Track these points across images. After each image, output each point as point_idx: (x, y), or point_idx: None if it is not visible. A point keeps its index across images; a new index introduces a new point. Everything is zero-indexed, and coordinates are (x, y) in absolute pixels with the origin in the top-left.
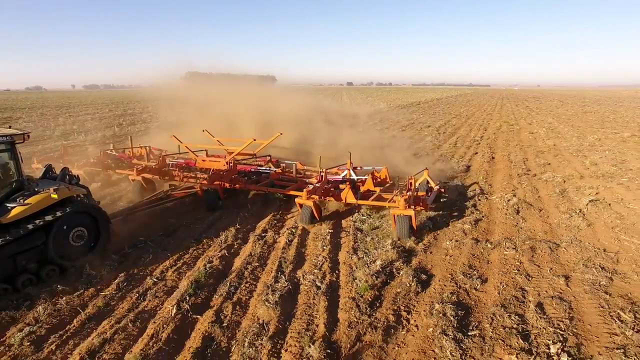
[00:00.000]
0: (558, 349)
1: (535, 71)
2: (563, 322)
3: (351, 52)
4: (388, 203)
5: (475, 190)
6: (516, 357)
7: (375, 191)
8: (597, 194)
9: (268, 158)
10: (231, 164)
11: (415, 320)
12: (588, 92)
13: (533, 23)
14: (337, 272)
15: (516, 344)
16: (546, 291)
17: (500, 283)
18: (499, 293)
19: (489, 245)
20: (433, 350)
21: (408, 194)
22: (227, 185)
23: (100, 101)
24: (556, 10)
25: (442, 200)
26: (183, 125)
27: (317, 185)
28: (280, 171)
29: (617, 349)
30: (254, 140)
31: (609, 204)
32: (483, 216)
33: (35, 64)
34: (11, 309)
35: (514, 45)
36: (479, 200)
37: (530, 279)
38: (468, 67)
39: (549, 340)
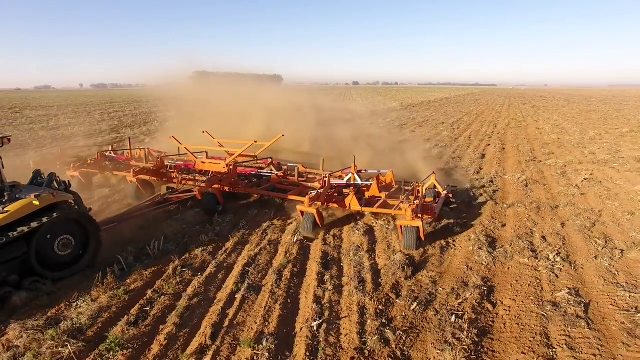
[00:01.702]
0: (554, 256)
1: (542, 71)
2: (558, 244)
3: (357, 52)
4: (394, 211)
5: (490, 173)
6: (527, 259)
7: (381, 197)
8: (591, 174)
9: (269, 160)
10: (231, 167)
11: (459, 244)
12: (595, 92)
13: (540, 22)
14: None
15: (527, 254)
16: (547, 230)
17: (515, 226)
18: (514, 231)
19: (505, 206)
20: (474, 258)
21: (415, 202)
22: (226, 188)
23: (119, 100)
24: (564, 9)
25: (451, 206)
26: (197, 124)
27: (319, 191)
28: (281, 174)
29: (592, 255)
30: (255, 142)
31: (600, 181)
32: (499, 189)
33: (44, 63)
34: (180, 238)
35: (521, 44)
36: (495, 179)
37: (536, 224)
38: (474, 66)
39: (549, 252)
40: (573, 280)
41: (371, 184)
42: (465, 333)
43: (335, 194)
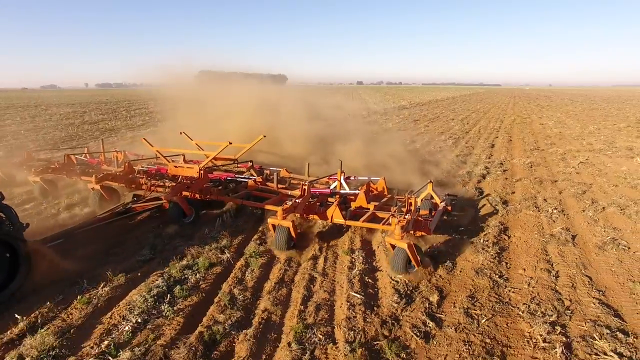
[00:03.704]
0: (552, 210)
1: (547, 70)
2: (556, 203)
3: (360, 52)
4: (382, 225)
5: (500, 158)
6: (532, 212)
7: (369, 208)
8: (586, 159)
9: (250, 164)
10: (202, 172)
11: (480, 204)
12: (600, 92)
13: (545, 22)
14: None
15: (532, 209)
16: (548, 195)
17: (522, 193)
18: (522, 195)
19: (514, 180)
20: (492, 211)
21: (406, 217)
22: (197, 196)
23: (133, 99)
24: (569, 9)
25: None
26: (205, 122)
27: (297, 200)
28: (260, 180)
29: (580, 210)
30: (230, 143)
31: (594, 164)
32: (508, 169)
33: (49, 63)
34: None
35: (525, 44)
36: (504, 162)
37: (539, 192)
38: (478, 66)
39: (548, 208)
40: (565, 223)
41: (358, 193)
42: (490, 248)
43: (317, 204)
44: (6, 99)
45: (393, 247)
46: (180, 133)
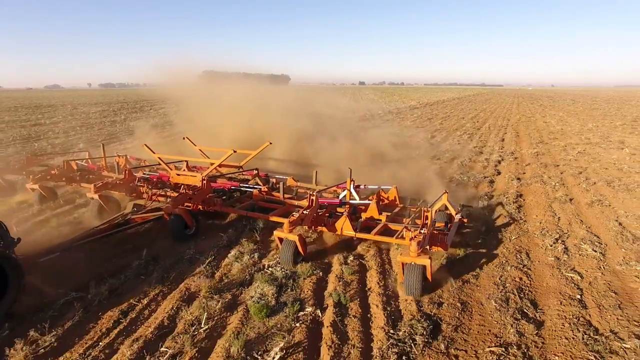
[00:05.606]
0: (555, 183)
1: (549, 71)
2: (558, 179)
3: (362, 52)
4: (396, 239)
5: (510, 149)
6: (539, 185)
7: (381, 220)
8: (584, 150)
9: (255, 171)
10: (204, 181)
11: (499, 180)
12: (602, 92)
13: (547, 22)
14: None
15: (539, 183)
16: (551, 174)
17: (531, 173)
18: (531, 174)
19: (524, 164)
20: (509, 184)
21: (422, 232)
22: (200, 207)
23: (147, 99)
24: (571, 9)
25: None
26: (213, 123)
27: (305, 212)
28: (266, 190)
29: (577, 184)
30: (235, 151)
31: (589, 154)
32: (518, 157)
33: (52, 63)
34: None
35: (528, 44)
36: (515, 152)
37: (544, 172)
38: (480, 66)
39: (552, 182)
40: (565, 191)
41: (369, 203)
42: (512, 204)
43: (326, 215)
44: (26, 99)
45: (403, 267)
46: (184, 138)
